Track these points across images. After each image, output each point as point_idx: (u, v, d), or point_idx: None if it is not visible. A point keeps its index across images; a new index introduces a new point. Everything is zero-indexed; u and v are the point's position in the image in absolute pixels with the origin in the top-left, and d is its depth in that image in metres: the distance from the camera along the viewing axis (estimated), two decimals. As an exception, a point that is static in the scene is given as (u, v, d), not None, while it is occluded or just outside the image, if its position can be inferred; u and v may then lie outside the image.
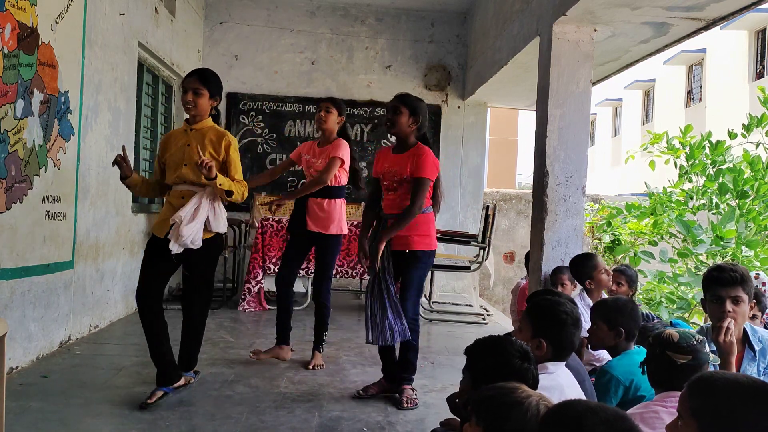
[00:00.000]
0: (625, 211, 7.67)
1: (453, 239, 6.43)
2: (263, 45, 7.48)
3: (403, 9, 7.56)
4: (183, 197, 3.29)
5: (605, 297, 3.56)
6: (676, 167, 7.06)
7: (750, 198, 6.32)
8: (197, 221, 3.19)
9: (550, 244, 4.10)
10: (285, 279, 4.16)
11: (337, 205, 4.07)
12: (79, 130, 4.34)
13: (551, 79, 4.13)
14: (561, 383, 2.08)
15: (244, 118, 7.46)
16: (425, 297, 6.46)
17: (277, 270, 5.77)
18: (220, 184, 3.14)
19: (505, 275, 8.70)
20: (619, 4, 3.80)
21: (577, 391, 2.13)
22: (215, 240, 3.35)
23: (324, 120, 4.11)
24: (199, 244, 3.23)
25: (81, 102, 4.35)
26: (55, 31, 3.93)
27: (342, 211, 4.10)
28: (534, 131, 4.40)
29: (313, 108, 7.18)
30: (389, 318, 3.32)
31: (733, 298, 2.44)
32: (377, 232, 3.50)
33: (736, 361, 2.40)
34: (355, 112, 7.50)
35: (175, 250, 3.19)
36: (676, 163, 7.07)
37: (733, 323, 2.35)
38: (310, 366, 4.02)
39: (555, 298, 2.33)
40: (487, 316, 6.37)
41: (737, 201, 6.37)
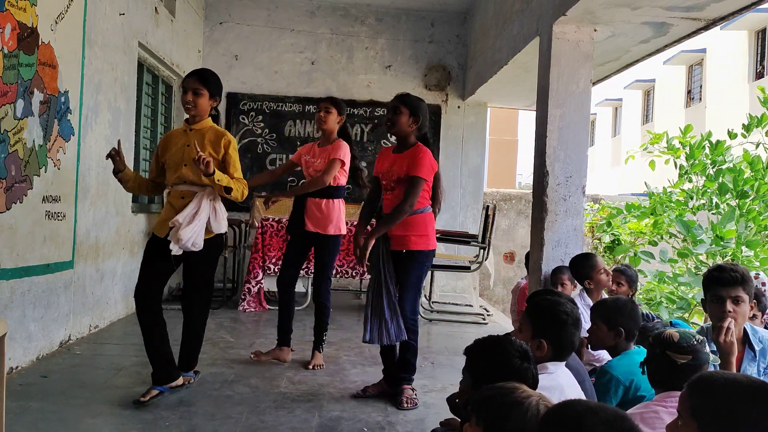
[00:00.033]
0: (625, 211, 7.67)
1: (453, 239, 6.43)
2: (263, 45, 7.48)
3: (403, 9, 7.56)
4: (183, 197, 3.29)
5: (605, 297, 3.56)
6: (676, 167, 7.06)
7: (750, 198, 6.32)
8: (197, 224, 3.19)
9: (550, 244, 4.10)
10: (286, 281, 4.16)
11: (335, 205, 4.07)
12: (79, 130, 4.34)
13: (551, 79, 4.14)
14: (561, 383, 2.08)
15: (244, 118, 7.46)
16: (425, 297, 6.46)
17: (277, 270, 5.82)
18: (218, 180, 3.14)
19: (505, 275, 8.70)
20: (619, 4, 3.80)
21: (577, 391, 2.13)
22: (215, 240, 3.36)
23: (324, 120, 4.10)
24: (200, 246, 3.23)
25: (81, 102, 4.35)
26: (55, 31, 3.93)
27: (340, 211, 4.10)
28: (534, 131, 4.40)
29: (313, 108, 7.17)
30: (386, 318, 3.33)
31: (734, 298, 2.44)
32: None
33: (736, 361, 2.40)
34: (355, 112, 7.50)
35: (176, 251, 3.19)
36: (676, 163, 7.07)
37: (733, 323, 2.35)
38: (310, 366, 4.02)
39: (555, 298, 2.33)
40: (487, 316, 6.37)
41: (737, 201, 6.37)
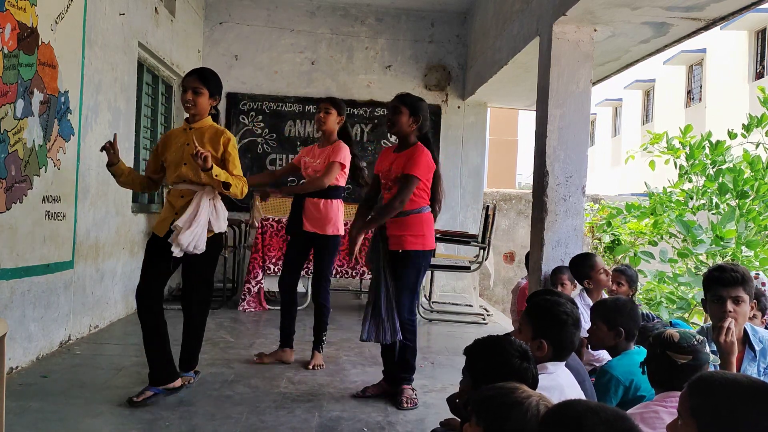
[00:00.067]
0: (625, 211, 7.67)
1: (453, 239, 6.43)
2: (263, 45, 7.48)
3: (403, 9, 7.56)
4: (182, 196, 3.29)
5: (605, 297, 3.56)
6: (676, 167, 7.06)
7: (750, 198, 6.32)
8: (197, 226, 3.18)
9: (550, 244, 4.10)
10: (288, 282, 4.16)
11: (333, 205, 4.07)
12: (79, 130, 4.34)
13: (551, 79, 4.14)
14: (561, 383, 2.08)
15: (244, 118, 7.46)
16: (425, 297, 6.46)
17: (276, 270, 5.82)
18: (216, 175, 3.14)
19: (505, 275, 8.70)
20: (619, 4, 3.80)
21: (577, 391, 2.13)
22: (215, 239, 3.35)
23: (323, 121, 4.10)
24: (203, 249, 3.23)
25: (81, 102, 4.35)
26: (55, 31, 3.93)
27: (338, 211, 4.10)
28: (534, 131, 4.40)
29: (313, 108, 7.17)
30: (383, 317, 3.35)
31: (734, 298, 2.44)
32: (375, 233, 3.53)
33: (736, 362, 2.40)
34: (355, 112, 7.50)
35: (177, 253, 3.19)
36: (676, 163, 7.06)
37: (733, 323, 2.35)
38: (310, 366, 4.02)
39: (555, 298, 2.33)
40: (487, 316, 6.37)
41: (737, 201, 6.37)
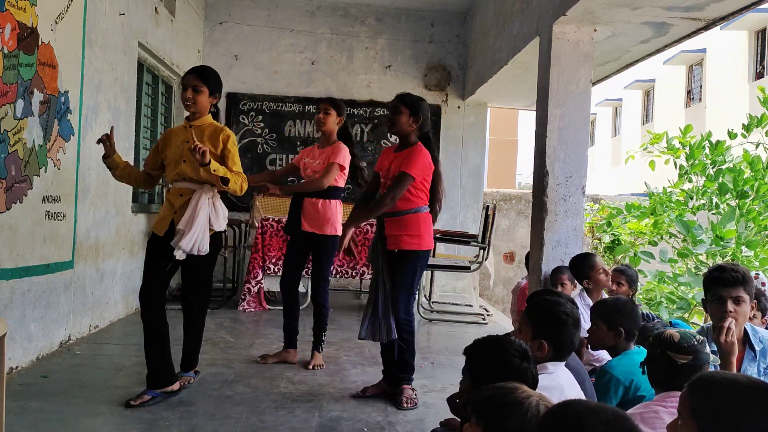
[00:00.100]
0: (625, 211, 7.67)
1: (453, 239, 6.43)
2: (263, 45, 7.48)
3: (403, 9, 7.56)
4: (182, 194, 3.30)
5: (605, 297, 3.56)
6: (676, 167, 7.06)
7: (750, 198, 6.32)
8: (197, 228, 3.18)
9: (550, 244, 4.10)
10: (289, 283, 4.17)
11: (331, 205, 4.07)
12: (79, 130, 4.34)
13: (551, 79, 4.13)
14: (561, 383, 2.08)
15: (244, 118, 7.46)
16: (425, 297, 6.46)
17: (276, 270, 5.82)
18: (215, 170, 3.13)
19: (505, 275, 8.70)
20: (619, 4, 3.80)
21: (577, 391, 2.13)
22: (214, 238, 3.35)
23: (323, 122, 4.10)
24: (207, 249, 3.24)
25: (81, 102, 4.35)
26: (55, 31, 3.93)
27: (337, 212, 4.09)
28: (534, 131, 4.40)
29: (313, 108, 7.17)
30: (380, 316, 3.36)
31: (735, 298, 2.44)
32: (375, 233, 3.55)
33: (736, 362, 2.40)
34: (355, 112, 7.50)
35: (179, 256, 3.19)
36: (676, 163, 7.06)
37: (734, 323, 2.35)
38: (309, 366, 4.02)
39: (555, 298, 2.33)
40: (487, 316, 6.37)
41: (737, 201, 6.37)
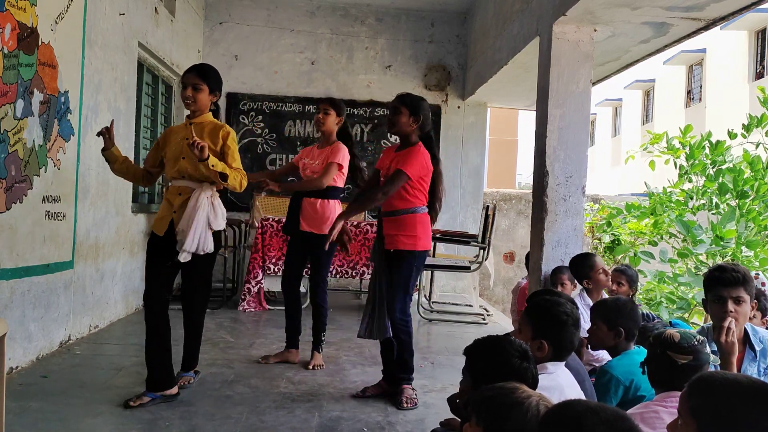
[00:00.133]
0: (625, 211, 7.67)
1: (453, 239, 6.43)
2: (263, 45, 7.48)
3: (403, 9, 7.56)
4: (180, 193, 3.30)
5: (605, 297, 3.56)
6: (676, 167, 7.06)
7: (750, 198, 6.32)
8: (198, 227, 3.18)
9: (550, 244, 4.10)
10: (289, 283, 4.17)
11: (330, 205, 4.07)
12: (79, 130, 4.34)
13: (551, 79, 4.13)
14: (561, 383, 2.08)
15: (244, 118, 7.46)
16: (425, 297, 6.46)
17: (276, 270, 5.82)
18: (213, 165, 3.13)
19: (505, 275, 8.70)
20: (619, 4, 3.80)
21: (577, 391, 2.13)
22: (213, 238, 3.35)
23: (322, 122, 4.10)
24: (211, 248, 3.26)
25: (81, 102, 4.35)
26: (55, 31, 3.93)
27: (335, 212, 4.08)
28: (534, 131, 4.40)
29: (313, 108, 7.17)
30: (376, 315, 3.38)
31: (735, 298, 2.44)
32: (376, 233, 3.55)
33: (736, 362, 2.40)
34: (355, 112, 7.50)
35: (184, 258, 3.20)
36: (676, 163, 7.06)
37: (734, 323, 2.35)
38: (309, 366, 4.02)
39: (555, 298, 2.33)
40: (487, 316, 6.36)
41: (737, 201, 6.37)
